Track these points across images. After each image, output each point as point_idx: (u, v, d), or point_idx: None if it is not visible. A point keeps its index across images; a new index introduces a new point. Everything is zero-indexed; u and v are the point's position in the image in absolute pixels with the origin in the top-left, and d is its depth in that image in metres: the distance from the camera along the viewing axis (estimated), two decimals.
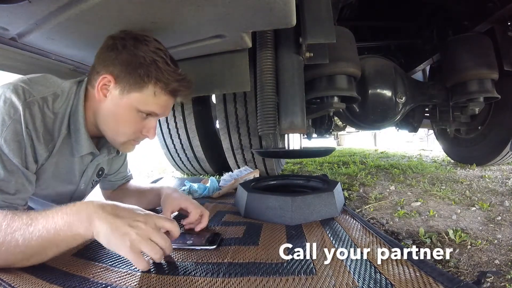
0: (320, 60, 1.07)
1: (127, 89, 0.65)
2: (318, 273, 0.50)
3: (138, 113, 0.68)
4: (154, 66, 0.64)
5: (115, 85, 0.65)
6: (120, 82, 0.65)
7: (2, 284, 0.46)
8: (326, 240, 0.67)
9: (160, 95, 0.67)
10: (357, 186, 1.57)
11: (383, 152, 4.31)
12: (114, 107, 0.67)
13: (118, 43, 0.65)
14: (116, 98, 0.66)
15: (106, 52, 0.66)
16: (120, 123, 0.68)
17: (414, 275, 0.49)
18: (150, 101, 0.67)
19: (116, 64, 0.64)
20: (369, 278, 0.48)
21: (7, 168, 0.56)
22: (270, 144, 1.08)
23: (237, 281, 0.47)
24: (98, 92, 0.66)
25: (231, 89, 1.13)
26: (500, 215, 1.01)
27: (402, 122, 2.07)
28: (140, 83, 0.65)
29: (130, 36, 0.66)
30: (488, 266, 0.68)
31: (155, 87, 0.66)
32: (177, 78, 0.68)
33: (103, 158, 0.80)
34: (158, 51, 0.66)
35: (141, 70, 0.64)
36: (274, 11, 0.73)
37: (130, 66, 0.64)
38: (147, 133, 0.71)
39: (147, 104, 0.67)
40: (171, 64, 0.67)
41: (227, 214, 0.90)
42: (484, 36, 1.56)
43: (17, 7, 0.66)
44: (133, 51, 0.64)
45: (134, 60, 0.64)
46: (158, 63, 0.65)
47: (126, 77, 0.64)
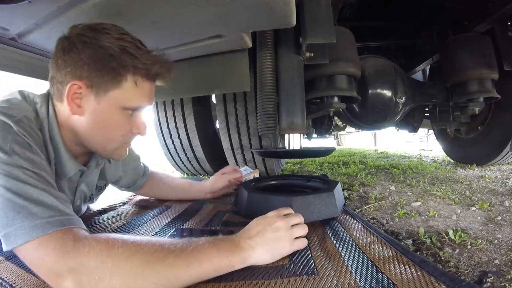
0: (320, 60, 1.07)
1: (103, 90, 0.56)
2: (320, 273, 0.50)
3: (123, 111, 0.59)
4: (126, 53, 0.55)
5: (87, 90, 0.55)
6: (92, 85, 0.55)
7: (3, 285, 0.46)
8: (327, 240, 0.67)
9: (142, 84, 0.59)
10: (357, 186, 1.57)
11: (383, 152, 4.31)
12: (94, 114, 0.57)
13: (75, 41, 0.54)
14: (93, 104, 0.56)
15: (64, 56, 0.55)
16: (106, 130, 0.60)
17: (416, 274, 0.49)
18: (133, 93, 0.58)
19: (81, 65, 0.54)
20: (370, 278, 0.48)
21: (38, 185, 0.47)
22: (270, 144, 1.08)
23: (239, 285, 0.47)
24: (70, 103, 0.56)
25: (231, 89, 1.13)
26: (500, 215, 1.01)
27: (402, 122, 2.07)
28: (117, 77, 0.55)
29: (86, 29, 0.56)
30: (488, 266, 0.68)
31: (134, 76, 0.57)
32: (155, 59, 0.59)
33: (93, 171, 0.74)
34: (123, 36, 0.57)
35: (113, 62, 0.54)
36: (274, 11, 0.74)
37: (99, 62, 0.54)
38: (138, 130, 0.63)
39: (131, 99, 0.58)
40: (142, 47, 0.59)
41: (227, 214, 0.90)
42: (484, 36, 1.56)
43: (17, 7, 0.66)
44: (96, 44, 0.54)
45: (101, 53, 0.54)
46: (128, 49, 0.55)
47: (98, 76, 0.54)
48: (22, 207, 0.44)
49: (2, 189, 0.44)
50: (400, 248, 0.59)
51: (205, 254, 0.47)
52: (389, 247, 0.61)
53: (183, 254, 0.45)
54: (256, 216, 0.63)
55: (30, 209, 0.44)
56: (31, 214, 0.43)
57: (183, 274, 0.44)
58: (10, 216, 0.43)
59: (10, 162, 0.46)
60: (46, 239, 0.43)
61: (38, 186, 0.47)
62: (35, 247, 0.42)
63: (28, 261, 0.44)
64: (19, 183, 0.45)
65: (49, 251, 0.42)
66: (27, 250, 0.43)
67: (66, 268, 0.41)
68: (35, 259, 0.42)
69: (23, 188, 0.45)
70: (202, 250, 0.47)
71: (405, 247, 0.60)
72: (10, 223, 0.43)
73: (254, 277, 0.49)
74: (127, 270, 0.42)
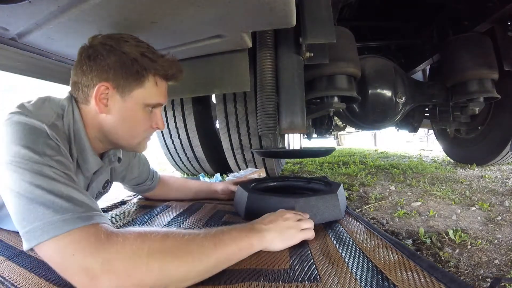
0: (320, 60, 1.07)
1: (128, 90, 0.63)
2: (323, 280, 0.48)
3: (145, 108, 0.66)
4: (146, 58, 0.63)
5: (113, 91, 0.62)
6: (118, 86, 0.62)
7: (4, 283, 0.46)
8: (329, 244, 0.64)
9: (161, 83, 0.67)
10: (357, 186, 1.57)
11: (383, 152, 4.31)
12: (120, 112, 0.64)
13: (99, 49, 0.61)
14: (119, 102, 0.63)
15: (90, 62, 0.61)
16: (132, 125, 0.66)
17: (425, 281, 0.46)
18: (154, 92, 0.66)
19: (107, 69, 0.61)
20: (376, 286, 0.46)
21: (68, 183, 0.48)
22: (270, 144, 1.08)
23: (238, 287, 0.46)
24: (98, 103, 0.62)
25: (231, 89, 1.13)
26: (500, 215, 1.01)
27: (402, 122, 2.07)
28: (140, 78, 0.63)
29: (107, 39, 0.63)
30: (488, 266, 0.68)
31: (154, 77, 0.65)
32: (170, 62, 0.67)
33: (105, 169, 0.79)
34: (140, 44, 0.64)
35: (136, 65, 0.62)
36: (274, 11, 0.73)
37: (124, 66, 0.61)
38: (157, 125, 0.71)
39: (152, 97, 0.66)
40: (157, 52, 0.67)
41: (227, 214, 0.90)
42: (484, 36, 1.56)
43: (17, 7, 0.66)
44: (119, 50, 0.61)
45: (125, 59, 0.61)
46: (147, 54, 0.63)
47: (124, 77, 0.62)
48: (52, 202, 0.43)
49: (32, 186, 0.44)
50: (407, 252, 0.57)
51: (227, 235, 0.52)
52: (395, 251, 0.58)
53: (209, 236, 0.49)
54: (255, 218, 0.62)
55: (61, 204, 0.44)
56: (62, 208, 0.43)
57: (212, 253, 0.47)
58: (40, 211, 0.42)
59: (41, 161, 0.47)
60: (77, 233, 0.42)
61: (68, 184, 0.47)
62: (65, 243, 0.41)
63: (54, 260, 0.42)
64: (50, 180, 0.46)
65: (82, 245, 0.41)
66: (55, 246, 0.41)
67: (100, 261, 0.40)
68: (63, 256, 0.41)
69: (54, 185, 0.46)
70: (224, 232, 0.52)
71: (412, 251, 0.57)
72: (39, 218, 0.42)
73: (254, 278, 0.48)
74: (164, 253, 0.43)
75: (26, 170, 0.46)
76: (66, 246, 0.41)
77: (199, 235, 0.49)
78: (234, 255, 0.51)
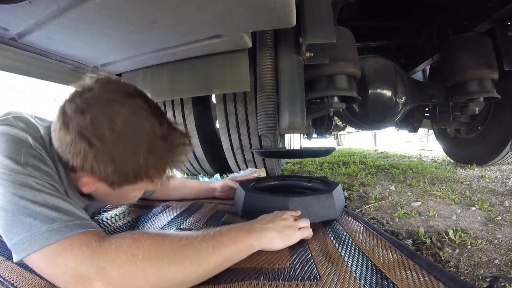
0: (320, 60, 1.07)
1: (117, 185, 0.51)
2: (323, 279, 0.48)
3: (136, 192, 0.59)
4: (146, 148, 0.48)
5: (100, 183, 0.51)
6: (105, 181, 0.50)
7: (4, 284, 0.46)
8: (328, 244, 0.64)
9: (158, 179, 0.55)
10: (357, 186, 1.57)
11: (383, 152, 4.31)
12: (106, 193, 0.55)
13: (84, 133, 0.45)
14: (105, 187, 0.52)
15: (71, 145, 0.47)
16: (120, 200, 0.65)
17: (423, 280, 0.47)
18: (147, 187, 0.56)
19: (93, 163, 0.47)
20: (376, 284, 0.46)
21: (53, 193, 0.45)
22: (270, 144, 1.08)
23: (238, 286, 0.46)
24: (81, 185, 0.52)
25: (231, 89, 1.13)
26: (500, 215, 1.01)
27: (402, 122, 2.08)
28: (134, 181, 0.51)
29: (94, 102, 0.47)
30: (488, 266, 0.68)
31: (153, 177, 0.53)
32: (177, 149, 0.53)
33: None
34: (140, 111, 0.49)
35: (131, 170, 0.49)
36: (274, 11, 0.74)
37: (116, 165, 0.47)
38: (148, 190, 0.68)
39: (144, 189, 0.59)
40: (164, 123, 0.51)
41: (226, 214, 0.90)
42: (484, 36, 1.56)
43: (17, 7, 0.66)
44: (110, 134, 0.46)
45: (117, 154, 0.47)
46: (150, 137, 0.49)
47: (113, 177, 0.49)
48: (38, 213, 0.42)
49: (16, 197, 0.43)
50: (406, 251, 0.57)
51: (226, 236, 0.50)
52: (394, 250, 0.58)
53: (207, 238, 0.48)
54: (253, 216, 0.63)
55: (47, 214, 0.42)
56: (49, 218, 0.42)
57: (210, 256, 0.46)
58: (27, 222, 0.41)
59: (24, 172, 0.45)
60: (68, 242, 0.41)
61: (53, 194, 0.45)
62: (55, 253, 0.40)
63: (46, 270, 0.41)
64: (34, 191, 0.44)
65: (74, 254, 0.39)
66: (45, 256, 0.40)
67: (94, 269, 0.38)
68: (55, 266, 0.39)
69: (39, 195, 0.44)
70: (223, 233, 0.51)
71: (411, 250, 0.58)
72: (26, 229, 0.40)
73: (253, 277, 0.48)
74: (160, 259, 0.42)
75: (9, 182, 0.44)
76: (57, 256, 0.40)
77: (197, 237, 0.47)
78: (234, 256, 0.50)
